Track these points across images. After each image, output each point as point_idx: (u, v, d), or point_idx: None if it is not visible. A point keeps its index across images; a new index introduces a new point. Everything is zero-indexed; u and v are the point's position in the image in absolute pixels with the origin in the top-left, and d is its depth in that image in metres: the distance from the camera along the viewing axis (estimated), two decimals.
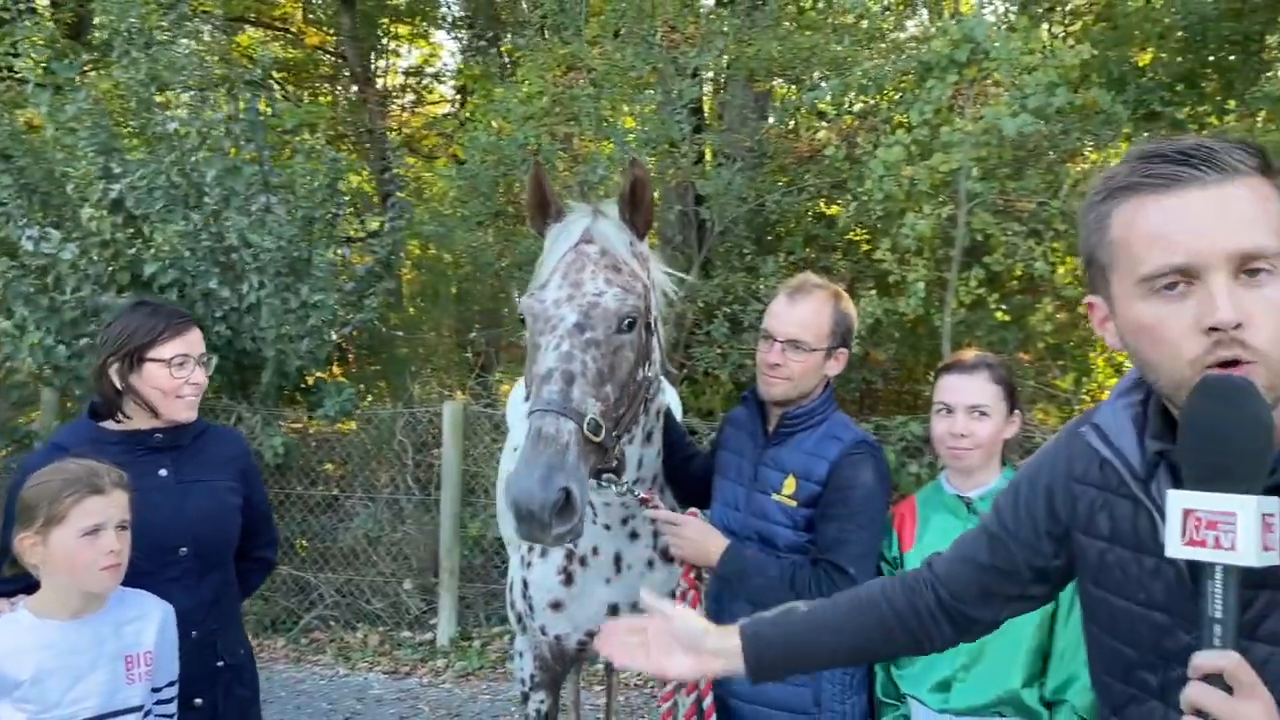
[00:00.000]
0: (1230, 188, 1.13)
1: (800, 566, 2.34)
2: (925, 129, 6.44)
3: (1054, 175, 8.00)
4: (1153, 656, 1.28)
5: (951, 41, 6.47)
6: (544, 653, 2.94)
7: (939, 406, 2.39)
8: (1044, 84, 6.27)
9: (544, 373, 2.18)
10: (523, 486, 2.02)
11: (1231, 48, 10.78)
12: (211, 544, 2.49)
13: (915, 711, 2.35)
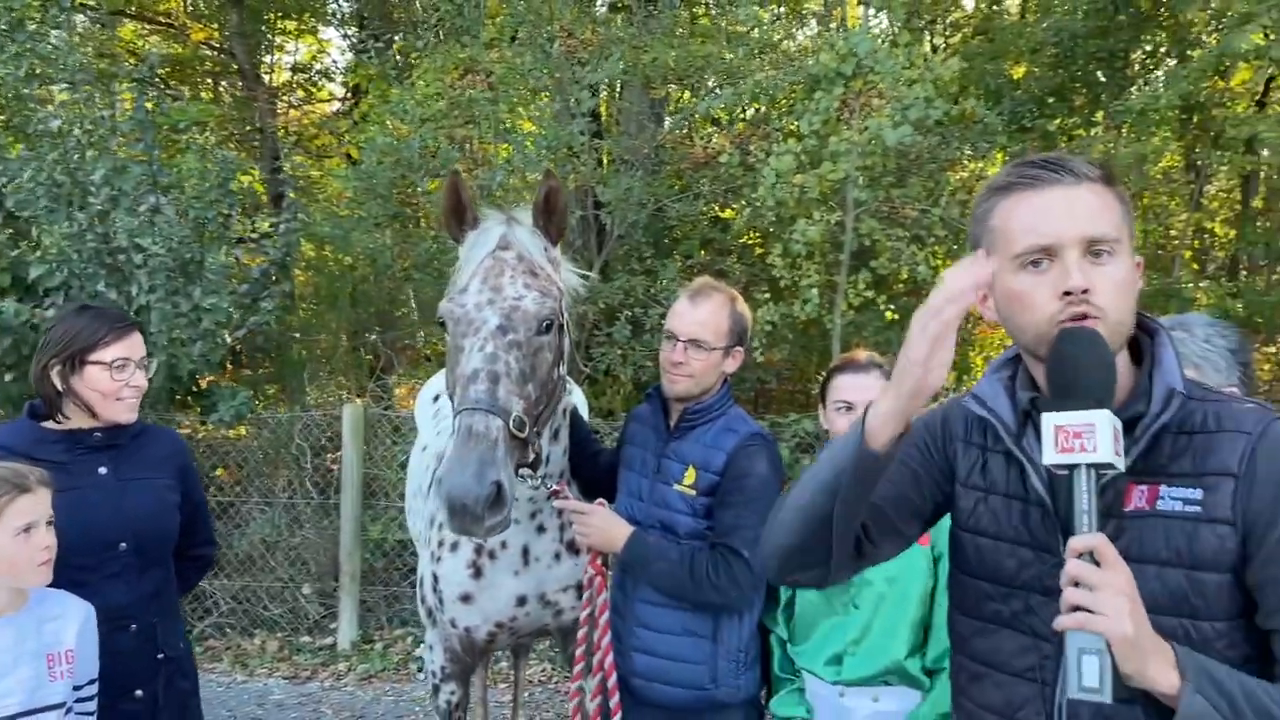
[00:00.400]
0: (1081, 190, 1.45)
1: (699, 550, 2.49)
2: (814, 139, 6.70)
3: (935, 183, 8.39)
4: (1007, 589, 1.52)
5: (838, 55, 6.75)
6: (454, 645, 3.02)
7: (839, 404, 2.56)
8: (922, 97, 6.59)
9: (470, 373, 2.27)
10: (456, 481, 2.12)
11: (1098, 64, 11.41)
12: (151, 540, 2.53)
13: (810, 684, 2.52)
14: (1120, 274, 1.43)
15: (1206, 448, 1.41)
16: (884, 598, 2.41)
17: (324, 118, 15.42)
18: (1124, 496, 1.43)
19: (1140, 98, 9.84)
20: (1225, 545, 1.36)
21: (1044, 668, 1.48)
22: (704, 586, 2.45)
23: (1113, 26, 11.31)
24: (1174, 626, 1.34)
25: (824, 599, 2.49)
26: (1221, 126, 9.93)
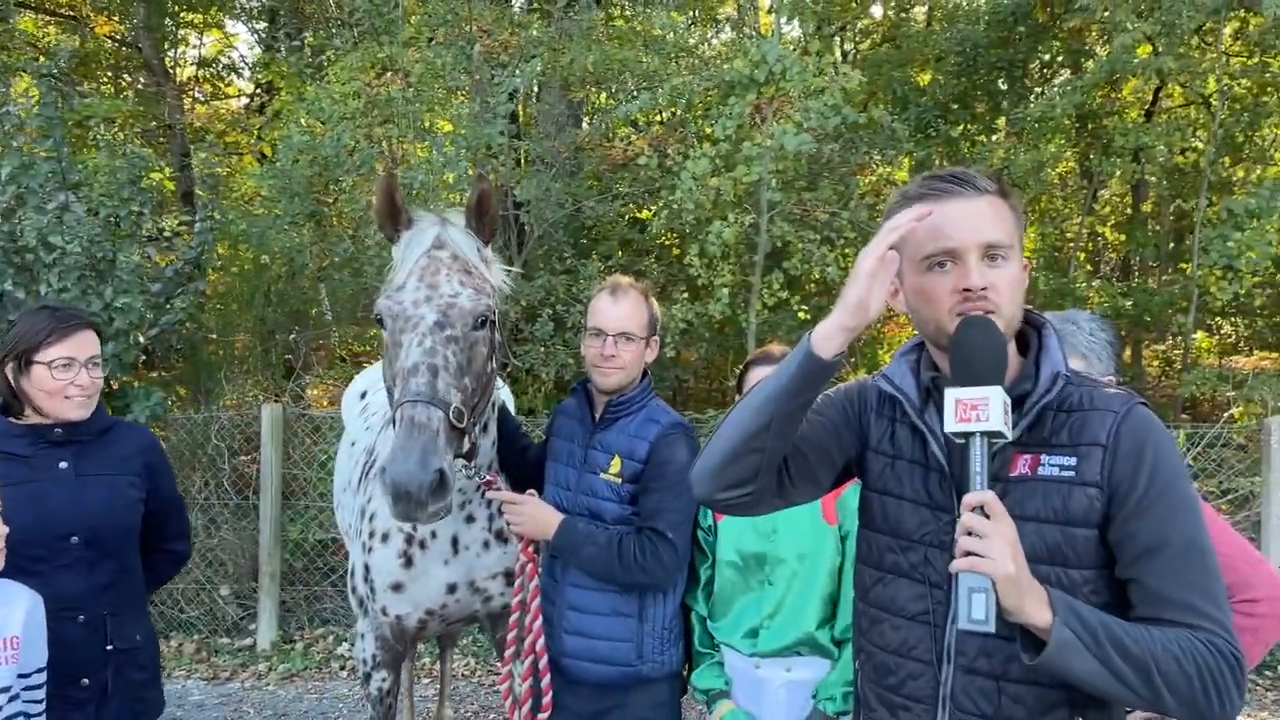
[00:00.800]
0: (981, 202, 1.66)
1: (626, 535, 2.64)
2: (729, 143, 6.90)
3: (845, 187, 8.68)
4: (907, 542, 1.73)
5: (751, 62, 6.96)
6: (385, 633, 3.11)
7: None
8: (829, 105, 6.84)
9: (410, 366, 2.37)
10: (401, 469, 2.21)
11: (999, 73, 11.87)
12: (106, 534, 2.59)
13: (728, 657, 2.69)
14: (1012, 275, 1.65)
15: (1081, 423, 1.63)
16: (796, 574, 2.59)
17: (234, 114, 15.15)
18: (1010, 464, 1.65)
19: (1037, 106, 10.27)
20: (1094, 505, 1.58)
21: (935, 612, 1.69)
22: (632, 568, 2.59)
23: (1012, 37, 11.79)
24: (1048, 574, 1.55)
25: (741, 577, 2.66)
26: (1112, 135, 10.46)
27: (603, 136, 8.45)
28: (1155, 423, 1.63)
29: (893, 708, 1.75)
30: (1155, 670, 1.45)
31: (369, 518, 3.02)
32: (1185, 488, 1.59)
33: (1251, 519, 6.27)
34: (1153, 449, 1.58)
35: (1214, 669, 1.46)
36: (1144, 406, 1.65)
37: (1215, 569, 1.55)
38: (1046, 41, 11.88)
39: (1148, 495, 1.56)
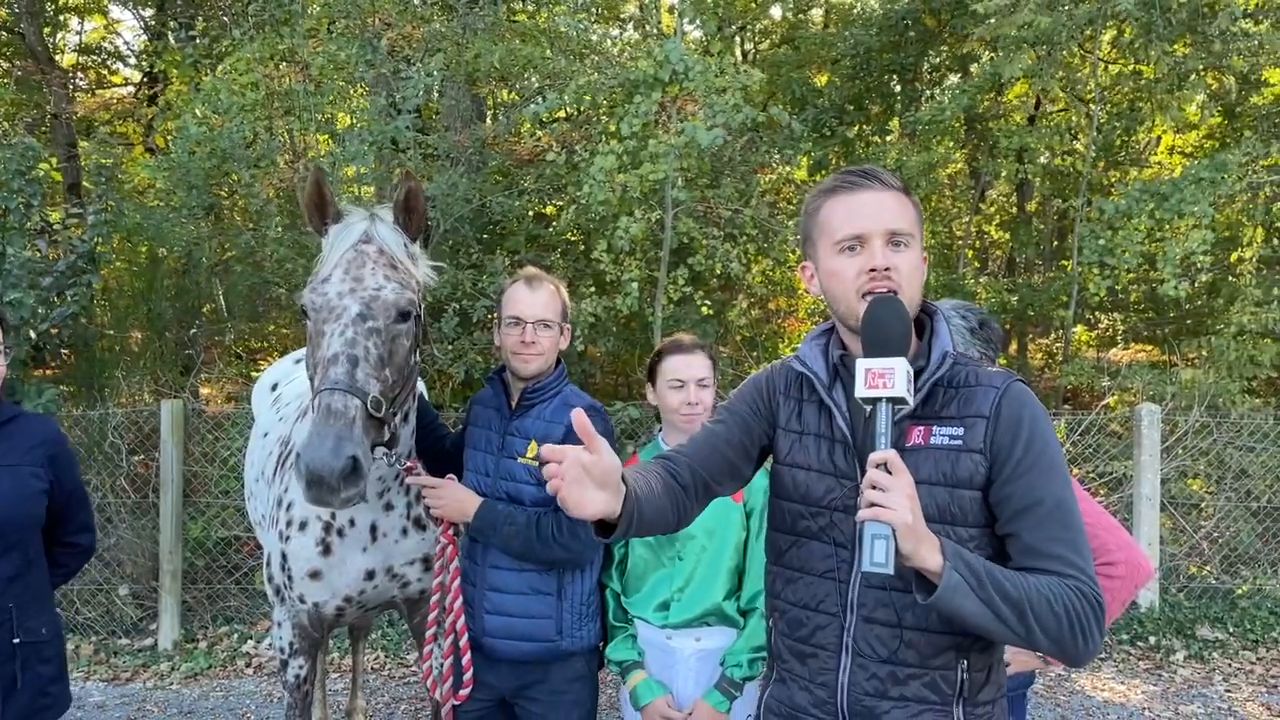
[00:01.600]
0: (886, 194, 1.85)
1: (544, 514, 2.74)
2: (635, 140, 7.03)
3: (745, 185, 8.91)
4: (815, 508, 1.90)
5: (655, 62, 7.10)
6: (302, 620, 3.14)
7: (673, 382, 2.87)
8: (731, 105, 7.03)
9: (331, 356, 2.44)
10: (314, 455, 2.27)
11: (892, 76, 12.28)
12: (9, 525, 2.57)
13: (641, 630, 2.83)
14: (913, 261, 1.84)
15: (968, 397, 1.82)
16: (705, 549, 2.74)
17: (123, 104, 14.65)
18: (906, 435, 1.83)
19: (928, 110, 10.67)
20: (978, 470, 1.77)
21: (840, 569, 1.86)
22: (551, 545, 2.70)
23: (903, 41, 12.22)
24: (939, 530, 1.72)
25: (653, 554, 2.79)
26: (997, 138, 10.95)
27: (509, 132, 8.49)
28: (1031, 397, 1.82)
29: (802, 657, 1.92)
30: (1030, 611, 1.63)
31: (286, 506, 3.05)
32: (1056, 455, 1.78)
33: (1125, 500, 6.70)
34: (1029, 420, 1.78)
35: (1080, 611, 1.65)
36: (1021, 383, 1.84)
37: (1080, 525, 1.74)
38: (936, 46, 12.34)
39: (1024, 461, 1.74)
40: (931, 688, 1.79)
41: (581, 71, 7.74)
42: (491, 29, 8.55)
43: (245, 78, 8.15)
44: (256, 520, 3.66)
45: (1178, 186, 7.65)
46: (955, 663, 1.80)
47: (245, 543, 6.82)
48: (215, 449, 6.67)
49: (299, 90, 7.82)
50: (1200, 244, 7.33)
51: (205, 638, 6.44)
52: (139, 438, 6.85)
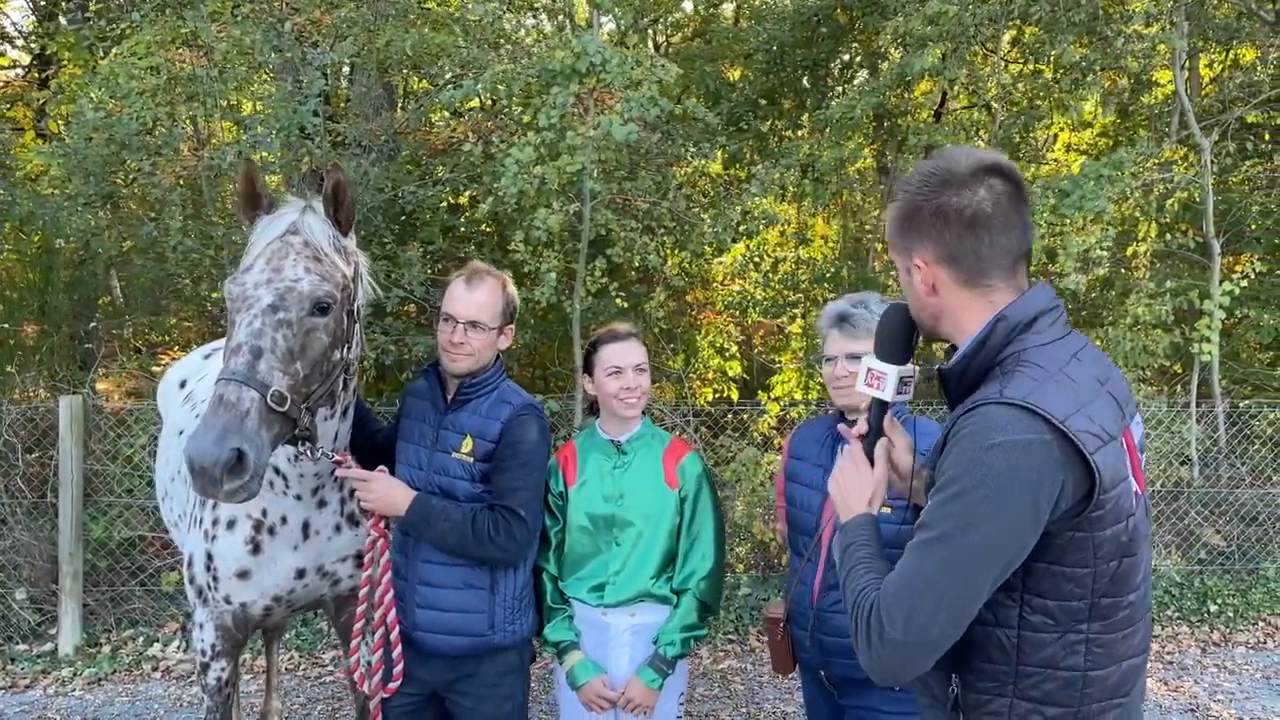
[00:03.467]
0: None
1: (480, 511, 2.72)
2: (553, 132, 6.99)
3: (662, 178, 8.94)
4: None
5: (573, 54, 7.08)
6: (226, 622, 3.06)
7: (611, 369, 2.88)
8: (647, 97, 7.05)
9: (234, 346, 2.39)
10: (197, 445, 2.23)
11: (804, 71, 12.46)
12: None
13: (578, 610, 2.87)
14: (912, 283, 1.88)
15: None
16: (641, 534, 2.78)
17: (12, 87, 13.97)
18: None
19: (839, 106, 10.85)
20: None
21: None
22: (485, 543, 2.68)
23: (815, 37, 12.41)
24: None
25: (590, 539, 2.83)
26: (906, 134, 11.21)
27: (421, 122, 8.34)
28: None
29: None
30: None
31: (212, 505, 2.96)
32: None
33: None
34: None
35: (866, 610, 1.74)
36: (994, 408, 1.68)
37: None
38: (847, 43, 12.57)
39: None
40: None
41: (497, 60, 7.65)
42: (403, 15, 8.39)
43: (144, 61, 7.84)
44: (172, 521, 3.55)
45: (1078, 183, 7.94)
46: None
47: (150, 543, 6.59)
48: (117, 446, 6.42)
49: (202, 75, 7.55)
50: (1099, 239, 7.63)
51: (109, 641, 6.21)
52: (34, 435, 6.56)
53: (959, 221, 1.75)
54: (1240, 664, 5.93)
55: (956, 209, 1.75)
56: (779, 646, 2.72)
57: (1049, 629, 1.68)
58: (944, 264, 1.78)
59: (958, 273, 1.78)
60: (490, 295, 2.85)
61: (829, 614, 2.60)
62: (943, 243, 1.77)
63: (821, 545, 2.62)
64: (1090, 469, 1.60)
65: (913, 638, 1.58)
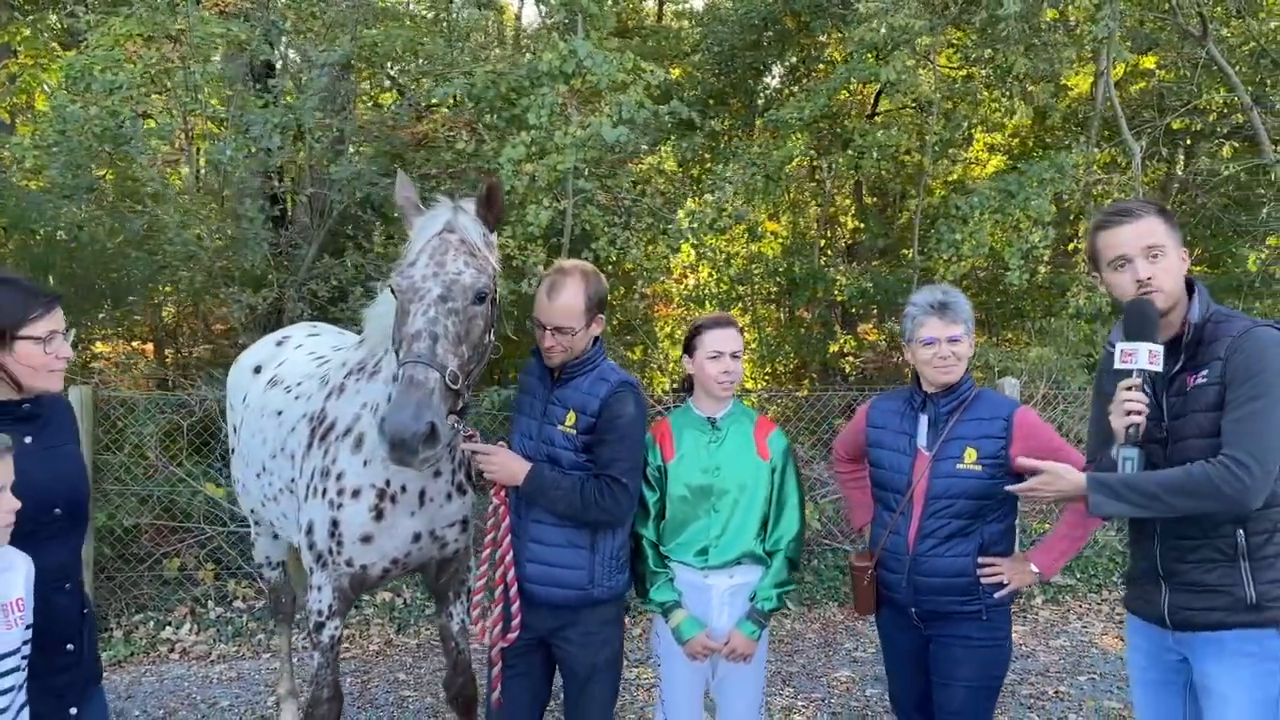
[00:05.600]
0: (1141, 222, 2.58)
1: (587, 480, 3.07)
2: (541, 131, 7.31)
3: (614, 174, 9.28)
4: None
5: (560, 55, 7.41)
6: (344, 584, 3.36)
7: (712, 353, 3.23)
8: (635, 101, 7.43)
9: (414, 333, 2.71)
10: (397, 420, 2.57)
11: (751, 73, 12.93)
12: (77, 502, 2.64)
13: (680, 572, 3.23)
14: (1170, 265, 2.56)
15: (1213, 348, 2.54)
16: (737, 502, 3.17)
17: None
18: (1185, 382, 2.57)
19: (788, 108, 11.33)
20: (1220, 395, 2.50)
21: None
22: (592, 508, 3.04)
23: (762, 40, 12.90)
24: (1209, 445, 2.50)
25: (690, 508, 3.19)
26: (850, 135, 11.78)
27: (411, 117, 8.55)
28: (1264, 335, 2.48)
29: None
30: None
31: (336, 476, 3.26)
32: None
33: None
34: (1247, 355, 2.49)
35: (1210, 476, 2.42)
36: (1261, 329, 2.47)
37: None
38: (794, 46, 13.08)
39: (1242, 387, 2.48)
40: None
41: (484, 61, 7.93)
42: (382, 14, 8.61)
43: (114, 52, 7.87)
44: (270, 495, 3.80)
45: (1022, 185, 8.58)
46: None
47: (151, 531, 6.73)
48: (125, 436, 6.55)
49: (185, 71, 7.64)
50: (1041, 239, 8.29)
51: (119, 626, 6.35)
52: None
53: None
54: None
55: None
56: (866, 590, 3.17)
57: None
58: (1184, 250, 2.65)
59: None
60: (572, 298, 3.09)
61: (925, 558, 3.03)
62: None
63: (914, 500, 3.07)
64: None
65: (1273, 466, 2.39)
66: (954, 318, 3.07)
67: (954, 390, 3.11)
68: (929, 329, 3.08)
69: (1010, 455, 2.97)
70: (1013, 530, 3.14)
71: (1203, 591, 2.56)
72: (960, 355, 3.07)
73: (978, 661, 3.03)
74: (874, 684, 5.43)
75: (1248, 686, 2.50)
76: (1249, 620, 2.48)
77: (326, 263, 7.86)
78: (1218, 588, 2.53)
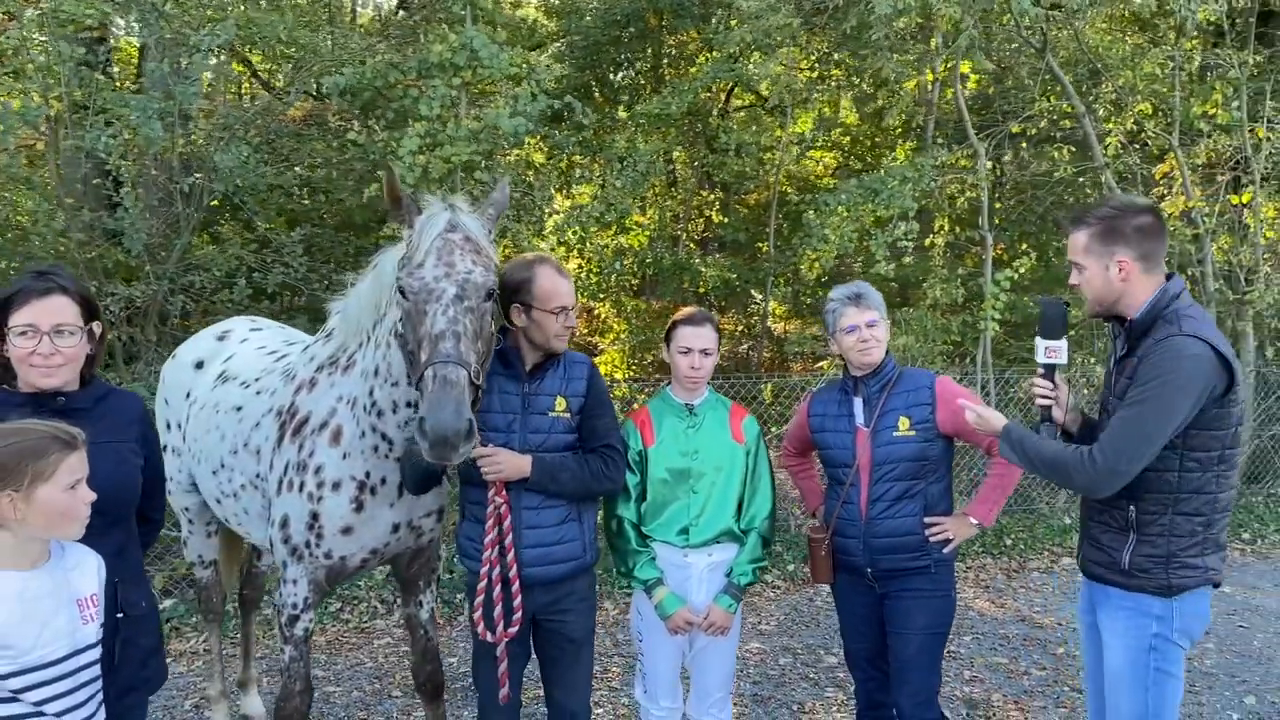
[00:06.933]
0: (1072, 236, 2.93)
1: (586, 455, 3.24)
2: (434, 123, 7.30)
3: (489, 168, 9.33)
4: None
5: (451, 48, 7.41)
6: (320, 577, 3.37)
7: (682, 349, 3.44)
8: (530, 94, 7.53)
9: (439, 333, 2.78)
10: (440, 418, 2.64)
11: (616, 68, 13.15)
12: (114, 502, 2.54)
13: (662, 551, 3.43)
14: (1091, 276, 2.87)
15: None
16: (715, 484, 3.39)
17: None
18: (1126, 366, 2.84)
19: (654, 104, 11.60)
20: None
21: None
22: (602, 480, 3.23)
23: (624, 37, 13.13)
24: None
25: (670, 489, 3.38)
26: (716, 133, 12.18)
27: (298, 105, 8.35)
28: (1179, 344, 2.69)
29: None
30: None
31: (315, 470, 3.28)
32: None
33: None
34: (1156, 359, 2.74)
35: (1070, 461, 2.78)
36: (1178, 338, 2.69)
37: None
38: (656, 44, 13.37)
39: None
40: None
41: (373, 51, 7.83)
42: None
43: None
44: (228, 491, 3.74)
45: (885, 182, 9.14)
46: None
47: None
48: None
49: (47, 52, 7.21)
50: (906, 232, 8.86)
51: None
52: None
53: (1152, 234, 2.83)
54: (1038, 585, 7.27)
55: (1150, 227, 2.83)
56: (824, 560, 3.44)
57: (1198, 469, 2.73)
58: (1138, 261, 2.82)
59: (1145, 265, 2.82)
60: (569, 286, 3.28)
61: (878, 520, 3.36)
62: (1140, 247, 2.81)
63: (861, 471, 3.37)
64: (1231, 372, 2.67)
65: (1122, 466, 2.66)
66: (868, 305, 3.44)
67: (880, 371, 3.46)
68: (848, 318, 3.43)
69: (937, 419, 3.37)
70: (950, 490, 3.49)
71: (1098, 549, 2.96)
72: (879, 338, 3.43)
73: (930, 611, 3.38)
74: (784, 654, 5.76)
75: (1122, 635, 2.89)
76: (1122, 583, 2.87)
77: (207, 252, 7.60)
78: (1107, 548, 2.92)
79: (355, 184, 8.25)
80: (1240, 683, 5.36)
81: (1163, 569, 2.79)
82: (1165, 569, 2.79)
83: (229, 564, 4.72)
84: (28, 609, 2.18)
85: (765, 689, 5.30)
